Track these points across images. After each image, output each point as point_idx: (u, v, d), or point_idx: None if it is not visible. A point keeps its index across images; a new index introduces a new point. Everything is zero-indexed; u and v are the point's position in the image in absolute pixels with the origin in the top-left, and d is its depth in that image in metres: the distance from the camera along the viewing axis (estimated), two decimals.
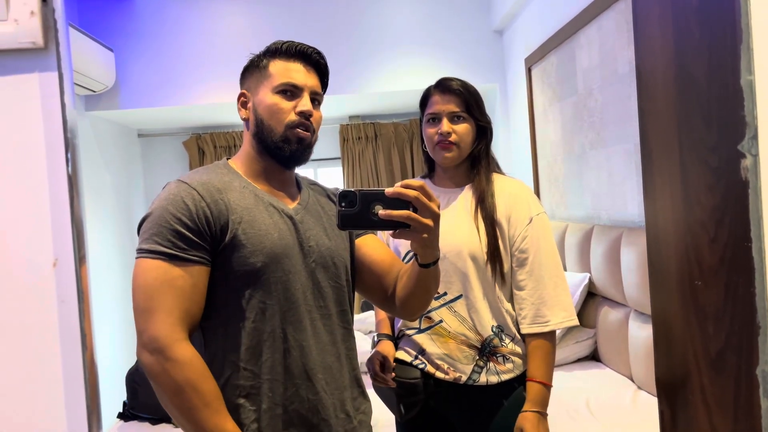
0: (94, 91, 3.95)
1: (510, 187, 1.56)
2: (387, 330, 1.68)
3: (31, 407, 0.59)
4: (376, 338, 1.66)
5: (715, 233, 0.80)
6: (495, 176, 1.59)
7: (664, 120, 0.92)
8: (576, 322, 1.53)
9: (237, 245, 1.12)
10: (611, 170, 2.71)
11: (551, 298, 1.50)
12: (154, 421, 2.55)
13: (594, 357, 2.84)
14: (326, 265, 1.22)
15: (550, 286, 1.51)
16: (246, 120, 1.24)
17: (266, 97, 1.19)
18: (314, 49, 1.25)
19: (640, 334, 2.35)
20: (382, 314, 1.72)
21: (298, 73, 1.21)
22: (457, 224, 1.54)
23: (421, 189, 1.03)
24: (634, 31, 0.99)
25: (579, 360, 2.81)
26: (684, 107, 0.86)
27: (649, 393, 2.31)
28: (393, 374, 1.56)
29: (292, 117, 1.19)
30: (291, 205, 1.23)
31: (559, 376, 2.61)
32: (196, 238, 1.09)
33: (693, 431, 0.90)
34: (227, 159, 1.28)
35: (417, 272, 1.18)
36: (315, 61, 1.25)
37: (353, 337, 1.30)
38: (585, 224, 2.95)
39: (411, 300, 1.24)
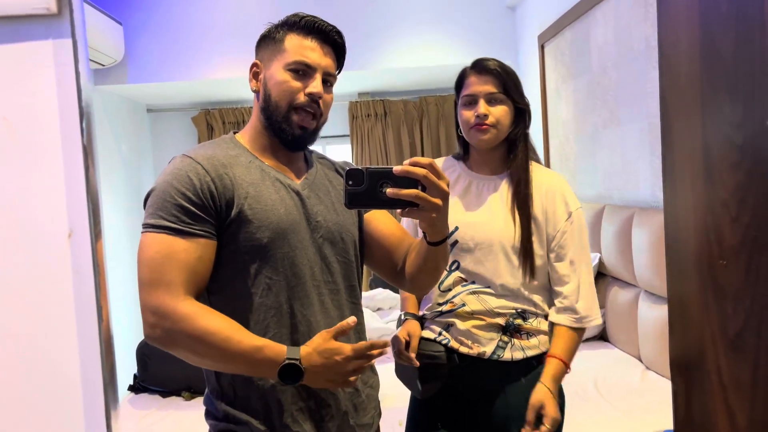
0: (103, 65, 3.93)
1: (547, 180, 1.52)
2: (414, 309, 1.67)
3: (46, 379, 0.58)
4: (403, 317, 1.65)
5: (738, 212, 0.79)
6: (533, 166, 1.53)
7: (687, 96, 0.90)
8: (601, 321, 1.53)
9: (243, 221, 1.11)
10: (624, 149, 2.68)
11: (587, 296, 1.49)
12: (165, 394, 2.58)
13: (602, 337, 2.83)
14: (334, 240, 1.21)
15: (587, 284, 1.50)
16: (256, 92, 1.22)
17: (277, 72, 1.16)
18: (334, 27, 1.21)
19: (650, 314, 2.34)
20: (409, 295, 1.71)
21: (313, 51, 1.17)
22: (492, 215, 1.50)
23: (429, 167, 1.00)
24: (657, 4, 0.97)
25: (587, 340, 2.81)
26: (709, 83, 0.84)
27: (657, 373, 2.31)
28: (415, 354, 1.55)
29: (301, 98, 1.16)
30: (298, 180, 1.22)
31: None
32: (201, 213, 1.08)
33: (708, 412, 0.89)
34: (234, 133, 1.26)
35: (425, 250, 1.17)
36: (333, 41, 1.21)
37: (362, 312, 1.30)
38: (596, 204, 2.93)
39: (420, 276, 1.23)
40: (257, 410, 1.14)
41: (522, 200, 1.48)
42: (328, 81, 1.20)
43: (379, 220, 1.32)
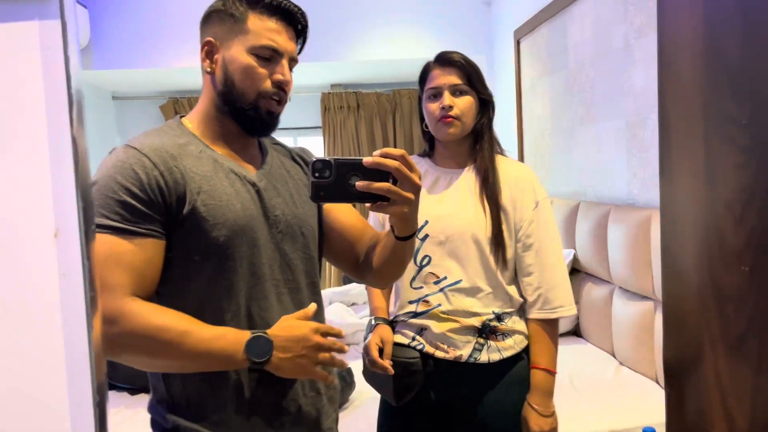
0: None
1: (514, 171, 1.52)
2: (383, 313, 1.63)
3: (31, 390, 0.53)
4: (373, 322, 1.61)
5: (742, 214, 0.78)
6: (498, 158, 1.53)
7: (688, 95, 0.89)
8: (575, 310, 1.52)
9: (196, 218, 1.02)
10: (600, 147, 2.70)
11: (559, 285, 1.48)
12: (133, 391, 2.50)
13: (576, 332, 2.86)
14: (294, 235, 1.14)
15: (558, 272, 1.49)
16: (211, 73, 1.10)
17: (241, 55, 1.06)
18: (300, 9, 1.12)
19: (625, 311, 2.36)
20: (378, 297, 1.67)
21: (279, 35, 1.08)
22: (462, 206, 1.49)
23: (401, 158, 0.95)
24: (658, 2, 0.95)
25: (561, 335, 2.82)
26: (711, 82, 0.83)
27: (631, 369, 2.34)
28: (390, 362, 1.52)
29: (268, 85, 1.08)
30: (253, 171, 1.13)
31: None
32: (148, 210, 0.99)
33: (704, 415, 0.89)
34: (180, 117, 1.14)
35: (393, 244, 1.11)
36: (297, 23, 1.13)
37: (323, 310, 1.23)
38: (571, 200, 2.94)
39: (385, 269, 1.18)
40: (214, 421, 1.05)
41: (490, 190, 1.48)
42: (291, 65, 1.12)
43: (340, 210, 1.26)
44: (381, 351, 1.51)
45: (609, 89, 2.58)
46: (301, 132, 5.38)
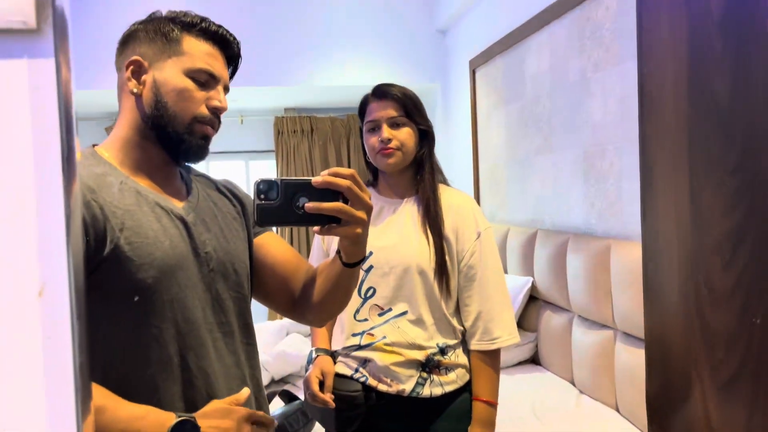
0: None
1: (456, 200, 1.53)
2: (324, 343, 1.60)
3: None
4: (314, 353, 1.58)
5: (732, 257, 0.78)
6: (441, 188, 1.55)
7: (672, 137, 0.90)
8: (518, 339, 1.53)
9: (120, 258, 0.91)
10: (557, 176, 2.75)
11: (498, 315, 1.49)
12: None
13: (534, 360, 2.87)
14: (226, 273, 1.05)
15: (498, 303, 1.50)
16: (137, 95, 1.01)
17: (175, 77, 0.99)
18: (234, 37, 1.08)
19: (584, 339, 2.39)
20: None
21: (216, 60, 1.03)
22: (406, 237, 1.49)
23: (351, 177, 0.90)
24: (638, 42, 0.96)
25: (520, 363, 2.84)
26: (698, 125, 0.84)
27: (591, 398, 2.36)
28: (331, 395, 1.49)
29: (203, 110, 1.01)
30: (179, 204, 1.03)
31: (501, 380, 2.62)
32: None
33: None
34: (93, 146, 1.04)
35: (339, 272, 1.03)
36: (232, 51, 1.08)
37: (257, 354, 1.14)
38: (528, 228, 2.98)
39: (328, 302, 1.10)
40: None
41: (432, 220, 1.48)
42: (224, 93, 1.07)
43: (272, 244, 1.16)
44: (322, 384, 1.49)
45: (566, 120, 2.63)
46: (254, 156, 5.29)
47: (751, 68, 0.73)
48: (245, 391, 0.97)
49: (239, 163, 5.32)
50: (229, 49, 1.06)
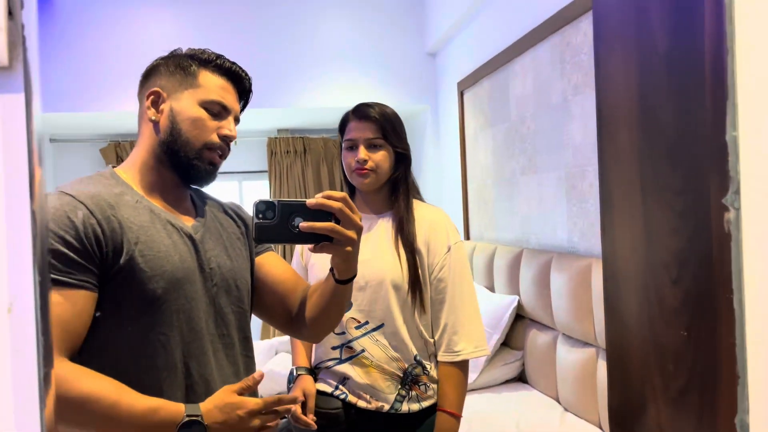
0: None
1: (429, 215, 1.58)
2: (305, 362, 1.63)
3: None
4: (295, 372, 1.61)
5: (678, 275, 0.82)
6: (415, 203, 1.60)
7: (626, 160, 0.95)
8: (487, 352, 1.56)
9: (134, 269, 1.00)
10: (542, 196, 2.79)
11: (464, 328, 1.53)
12: None
13: (521, 378, 2.89)
14: (229, 288, 1.14)
15: (465, 316, 1.53)
16: (155, 122, 1.11)
17: (191, 107, 1.10)
18: (246, 73, 1.19)
19: (568, 357, 2.41)
20: (299, 344, 1.67)
21: (228, 93, 1.15)
22: (379, 252, 1.54)
23: (343, 200, 1.00)
24: (595, 68, 1.02)
25: (507, 381, 2.86)
26: (648, 150, 0.89)
27: (576, 415, 2.38)
28: (313, 415, 1.52)
29: (214, 138, 1.12)
30: (189, 223, 1.14)
31: (487, 398, 2.65)
32: (82, 260, 0.96)
33: None
34: (113, 167, 1.15)
35: (332, 289, 1.12)
36: (244, 86, 1.19)
37: (255, 366, 1.22)
38: (514, 247, 3.02)
39: (322, 320, 1.18)
40: None
41: (405, 236, 1.53)
42: (234, 123, 1.18)
43: (272, 264, 1.26)
44: (304, 404, 1.52)
45: (549, 141, 2.69)
46: (247, 176, 5.34)
47: (690, 100, 0.78)
48: (258, 374, 1.03)
49: (233, 184, 5.37)
50: (241, 84, 1.17)
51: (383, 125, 1.54)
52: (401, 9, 4.34)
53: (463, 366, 1.54)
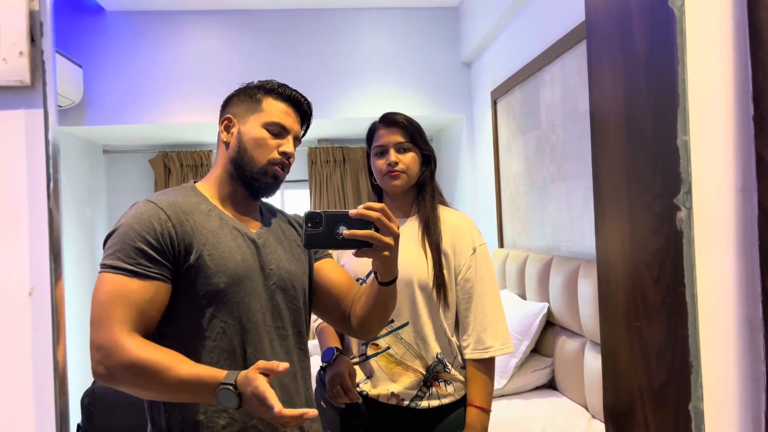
0: (61, 107, 3.92)
1: (453, 219, 1.66)
2: (337, 342, 1.69)
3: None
4: (335, 351, 1.67)
5: (659, 274, 0.86)
6: (440, 207, 1.68)
7: (615, 164, 0.99)
8: (512, 349, 1.63)
9: (201, 266, 1.17)
10: (571, 203, 2.81)
11: (491, 326, 1.59)
12: None
13: (551, 385, 2.90)
14: (286, 287, 1.29)
15: (492, 314, 1.60)
16: (227, 143, 1.30)
17: (255, 129, 1.27)
18: (306, 99, 1.35)
19: (595, 363, 2.42)
20: (329, 329, 1.73)
21: (288, 116, 1.30)
22: (406, 252, 1.60)
23: (382, 210, 1.11)
24: (589, 78, 1.06)
25: (537, 388, 2.87)
26: (633, 155, 0.93)
27: (602, 422, 2.37)
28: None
29: (275, 155, 1.27)
30: (254, 230, 1.29)
31: (517, 404, 2.67)
32: (159, 256, 1.14)
33: None
34: (194, 182, 1.34)
35: (376, 290, 1.25)
36: (303, 110, 1.35)
37: (308, 358, 1.35)
38: (545, 255, 3.03)
39: (369, 319, 1.30)
40: None
41: (431, 236, 1.60)
42: (295, 143, 1.32)
43: (329, 269, 1.40)
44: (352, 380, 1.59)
45: (577, 149, 2.70)
46: (289, 185, 5.49)
47: (664, 107, 0.82)
48: (283, 365, 1.10)
49: (276, 193, 5.52)
50: (300, 107, 1.34)
51: (410, 130, 1.64)
52: (437, 20, 4.41)
53: (490, 362, 1.60)
